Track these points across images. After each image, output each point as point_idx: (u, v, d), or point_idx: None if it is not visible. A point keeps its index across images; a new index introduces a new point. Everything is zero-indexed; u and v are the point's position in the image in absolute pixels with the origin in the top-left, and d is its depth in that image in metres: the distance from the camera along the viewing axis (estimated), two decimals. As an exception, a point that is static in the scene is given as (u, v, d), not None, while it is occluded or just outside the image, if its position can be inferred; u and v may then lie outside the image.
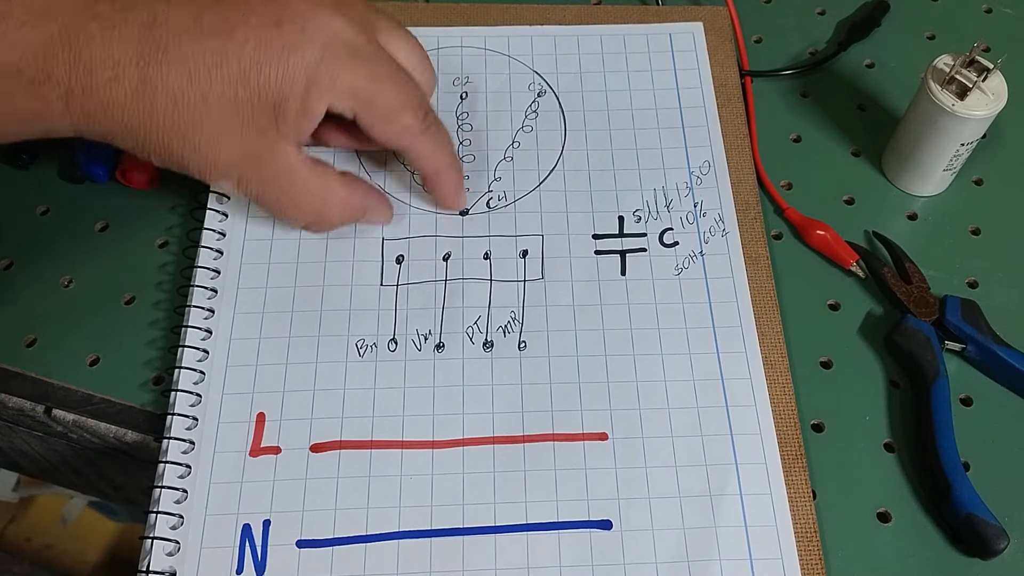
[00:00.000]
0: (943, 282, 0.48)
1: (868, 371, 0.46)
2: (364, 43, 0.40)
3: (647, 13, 0.56)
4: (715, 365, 0.44)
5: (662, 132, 0.51)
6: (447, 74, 0.53)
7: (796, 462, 0.42)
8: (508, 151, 0.51)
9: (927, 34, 0.58)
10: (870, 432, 0.44)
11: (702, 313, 0.46)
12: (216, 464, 0.41)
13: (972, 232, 0.50)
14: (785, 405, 0.43)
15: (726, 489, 0.41)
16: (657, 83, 0.53)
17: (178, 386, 0.42)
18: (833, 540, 0.41)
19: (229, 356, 0.44)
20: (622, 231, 0.48)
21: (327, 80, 0.39)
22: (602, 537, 0.40)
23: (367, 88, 0.40)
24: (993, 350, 0.44)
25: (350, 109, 0.41)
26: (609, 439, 0.42)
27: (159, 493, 0.40)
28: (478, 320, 0.45)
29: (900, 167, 0.51)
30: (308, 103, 0.39)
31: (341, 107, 0.40)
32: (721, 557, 0.39)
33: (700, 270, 0.47)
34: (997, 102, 0.46)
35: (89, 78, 0.36)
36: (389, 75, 0.41)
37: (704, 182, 0.50)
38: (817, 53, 0.57)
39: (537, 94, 0.53)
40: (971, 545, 0.40)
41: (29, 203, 0.49)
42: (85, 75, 0.36)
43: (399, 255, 0.47)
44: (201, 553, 0.39)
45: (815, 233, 0.49)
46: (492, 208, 0.49)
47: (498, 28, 0.55)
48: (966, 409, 0.45)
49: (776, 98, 0.55)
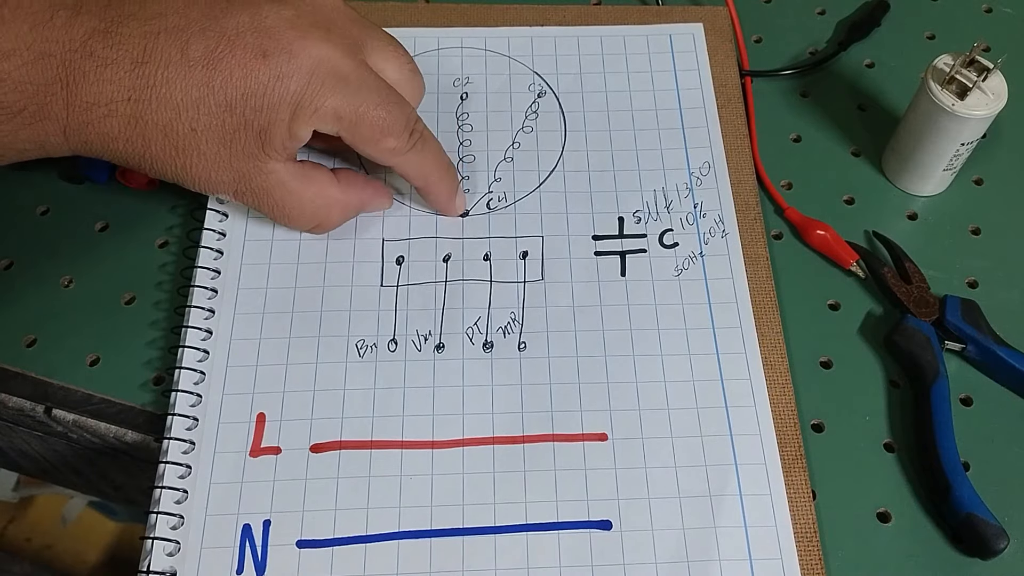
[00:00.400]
0: (943, 282, 0.48)
1: (868, 371, 0.46)
2: (351, 68, 0.41)
3: (647, 13, 0.56)
4: (715, 366, 0.44)
5: (662, 133, 0.51)
6: (447, 75, 0.53)
7: (796, 462, 0.42)
8: (508, 152, 0.51)
9: (927, 34, 0.58)
10: (870, 432, 0.44)
11: (702, 314, 0.46)
12: (216, 464, 0.41)
13: (972, 232, 0.50)
14: (785, 405, 0.43)
15: (726, 490, 0.41)
16: (657, 84, 0.53)
17: (178, 386, 0.42)
18: (833, 540, 0.41)
19: (229, 356, 0.44)
20: (622, 232, 0.48)
21: (312, 108, 0.40)
22: (602, 537, 0.40)
23: (351, 113, 0.41)
24: (993, 350, 0.44)
25: (335, 130, 0.41)
26: (609, 440, 0.42)
27: (159, 493, 0.40)
28: (478, 321, 0.45)
29: (900, 167, 0.51)
30: (294, 129, 0.40)
31: (327, 129, 0.41)
32: (721, 558, 0.39)
33: (700, 271, 0.47)
34: (997, 102, 0.46)
35: (85, 114, 0.38)
36: (374, 99, 0.41)
37: (704, 183, 0.50)
38: (817, 53, 0.57)
39: (537, 95, 0.53)
40: (971, 545, 0.40)
41: (29, 203, 0.49)
42: (82, 112, 0.38)
43: (399, 256, 0.47)
44: (201, 553, 0.39)
45: (815, 233, 0.49)
46: (492, 209, 0.49)
47: (498, 29, 0.55)
48: (966, 409, 0.45)
49: (776, 98, 0.55)
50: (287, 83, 0.39)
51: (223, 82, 0.39)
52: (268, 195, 0.43)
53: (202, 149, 0.40)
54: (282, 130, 0.40)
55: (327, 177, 0.44)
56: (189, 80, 0.39)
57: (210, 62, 0.39)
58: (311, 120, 0.40)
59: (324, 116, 0.40)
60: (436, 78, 0.53)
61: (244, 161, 0.41)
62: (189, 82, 0.39)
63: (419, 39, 0.54)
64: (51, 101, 0.37)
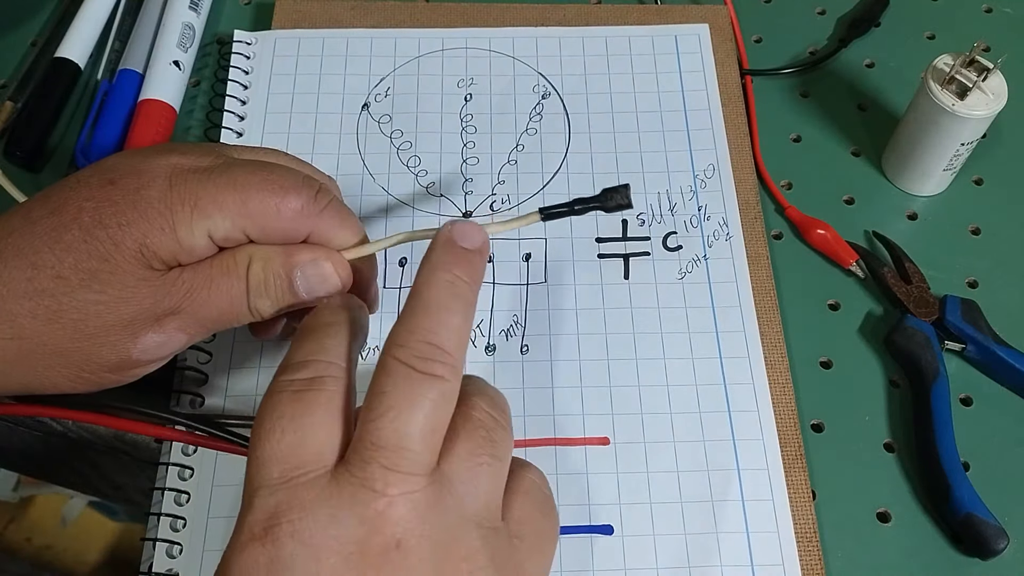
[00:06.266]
0: (943, 282, 0.48)
1: (868, 371, 0.46)
2: (211, 161, 0.36)
3: (647, 12, 0.56)
4: (718, 370, 0.44)
5: (667, 135, 0.51)
6: (451, 76, 0.53)
7: (796, 462, 0.42)
8: (512, 154, 0.51)
9: (927, 34, 0.58)
10: (870, 432, 0.44)
11: (705, 317, 0.46)
12: (218, 466, 0.41)
13: (972, 232, 0.50)
14: (785, 405, 0.43)
15: (728, 495, 0.41)
16: (662, 85, 0.53)
17: (181, 387, 0.42)
18: (833, 540, 0.41)
19: (232, 358, 0.44)
20: (625, 235, 0.48)
21: (188, 207, 0.34)
22: (603, 542, 0.40)
23: (234, 195, 0.34)
24: (993, 350, 0.45)
25: (231, 227, 0.35)
26: (611, 444, 0.42)
27: (161, 495, 0.40)
28: (480, 324, 0.45)
29: (900, 167, 0.51)
30: (180, 236, 0.34)
31: (221, 229, 0.35)
32: (722, 563, 0.40)
33: (703, 274, 0.47)
34: (997, 102, 0.46)
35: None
36: (252, 175, 0.35)
37: (708, 185, 0.50)
38: (817, 52, 0.57)
39: (541, 96, 0.53)
40: (971, 545, 0.41)
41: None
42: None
43: (402, 258, 0.47)
44: (203, 555, 0.39)
45: (815, 233, 0.49)
46: (495, 211, 0.49)
47: (502, 29, 0.55)
48: (966, 409, 0.45)
49: (776, 98, 0.55)
50: (147, 192, 0.34)
51: (72, 220, 0.34)
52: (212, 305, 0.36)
53: (78, 301, 0.34)
54: (167, 240, 0.34)
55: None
56: (34, 233, 0.34)
57: (54, 211, 0.34)
58: (194, 221, 0.35)
59: (206, 212, 0.35)
60: (440, 79, 0.53)
61: (147, 293, 0.35)
62: (34, 235, 0.34)
63: (423, 40, 0.54)
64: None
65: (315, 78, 0.53)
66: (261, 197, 0.35)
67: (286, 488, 0.28)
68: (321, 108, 0.52)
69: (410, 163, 0.50)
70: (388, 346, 0.30)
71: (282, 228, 0.35)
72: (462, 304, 0.32)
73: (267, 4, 0.57)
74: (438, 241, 0.33)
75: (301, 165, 0.40)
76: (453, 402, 0.31)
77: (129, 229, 0.33)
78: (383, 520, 0.28)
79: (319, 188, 0.36)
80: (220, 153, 0.37)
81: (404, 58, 0.54)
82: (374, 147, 0.51)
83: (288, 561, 0.27)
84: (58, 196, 0.35)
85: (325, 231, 0.37)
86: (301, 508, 0.28)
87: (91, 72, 0.54)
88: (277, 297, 0.36)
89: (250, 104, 0.52)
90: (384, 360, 0.30)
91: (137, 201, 0.34)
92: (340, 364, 0.31)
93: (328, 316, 0.33)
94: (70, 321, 0.33)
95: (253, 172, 0.35)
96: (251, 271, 0.35)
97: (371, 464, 0.28)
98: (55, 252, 0.33)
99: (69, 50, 0.53)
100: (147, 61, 0.53)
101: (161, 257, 0.34)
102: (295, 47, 0.54)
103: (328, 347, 0.32)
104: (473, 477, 0.30)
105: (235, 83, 0.52)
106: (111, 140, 0.50)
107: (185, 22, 0.54)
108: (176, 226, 0.34)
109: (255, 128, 0.51)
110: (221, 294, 0.35)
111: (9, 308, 0.33)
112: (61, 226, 0.34)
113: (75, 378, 0.35)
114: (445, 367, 0.30)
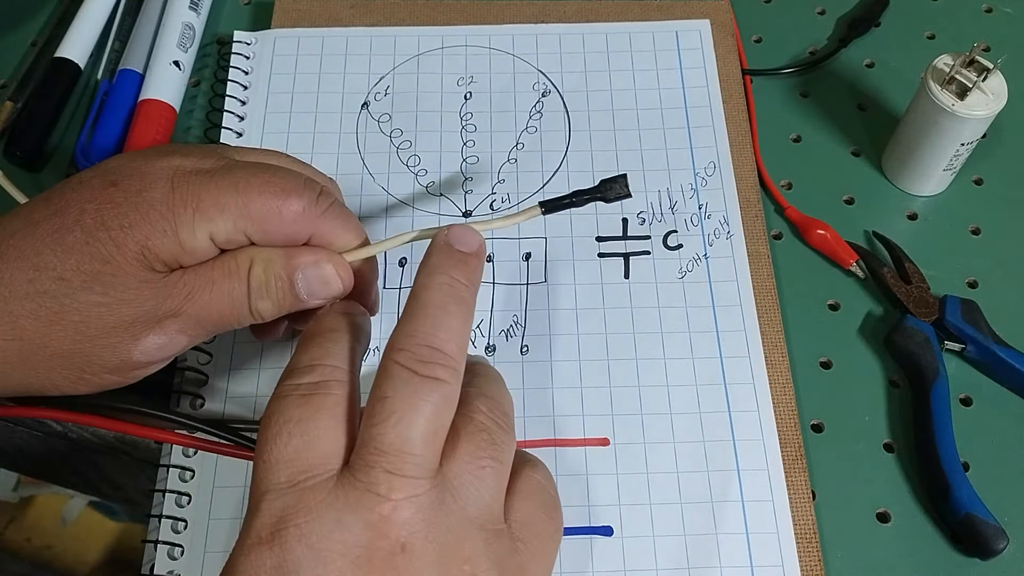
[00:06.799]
0: (943, 282, 0.48)
1: (868, 371, 0.46)
2: (213, 163, 0.36)
3: (647, 8, 0.56)
4: (718, 370, 0.44)
5: (667, 133, 0.51)
6: (451, 74, 0.53)
7: (796, 463, 0.42)
8: (512, 152, 0.51)
9: (927, 34, 0.58)
10: (870, 432, 0.44)
11: (706, 317, 0.45)
12: (219, 467, 0.41)
13: (972, 232, 0.50)
14: (785, 405, 0.43)
15: (728, 495, 0.41)
16: (663, 82, 0.53)
17: (181, 388, 0.42)
18: (833, 540, 0.41)
19: (233, 359, 0.44)
20: (626, 233, 0.48)
21: (190, 209, 0.34)
22: (603, 543, 0.40)
23: (236, 198, 0.34)
24: (993, 350, 0.45)
25: (233, 229, 0.35)
26: (611, 444, 0.42)
27: (162, 496, 0.40)
28: (480, 324, 0.45)
29: (900, 167, 0.51)
30: (181, 238, 0.34)
31: (223, 231, 0.35)
32: (722, 564, 0.40)
33: (704, 273, 0.47)
34: (997, 102, 0.46)
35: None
36: (254, 177, 0.35)
37: (709, 184, 0.50)
38: (817, 52, 0.57)
39: (542, 94, 0.53)
40: (971, 545, 0.41)
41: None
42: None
43: (402, 258, 0.47)
44: (205, 556, 0.39)
45: (815, 233, 0.49)
46: (495, 210, 0.49)
47: (502, 27, 0.55)
48: (966, 409, 0.45)
49: (776, 98, 0.55)
50: (149, 193, 0.34)
51: (74, 222, 0.34)
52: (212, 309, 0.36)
53: (80, 303, 0.34)
54: (168, 242, 0.34)
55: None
56: (36, 236, 0.34)
57: (56, 213, 0.34)
58: (196, 223, 0.35)
59: (208, 214, 0.35)
60: (440, 77, 0.53)
61: (149, 295, 0.35)
62: (37, 237, 0.34)
63: (423, 38, 0.54)
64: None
65: (314, 77, 0.53)
66: (263, 199, 0.35)
67: (293, 492, 0.29)
68: (321, 107, 0.52)
69: (410, 162, 0.50)
70: (389, 350, 0.30)
71: (284, 230, 0.35)
72: (461, 307, 0.32)
73: (267, 4, 0.57)
74: (435, 245, 0.34)
75: (302, 167, 0.40)
76: (454, 404, 0.31)
77: (131, 231, 0.33)
78: (388, 524, 0.28)
79: (321, 190, 0.36)
80: (222, 155, 0.37)
81: (404, 56, 0.54)
82: (374, 146, 0.51)
83: (295, 565, 0.28)
84: (60, 198, 0.35)
85: (327, 233, 0.37)
86: (308, 512, 0.28)
87: (91, 72, 0.54)
88: (278, 299, 0.36)
89: (250, 104, 0.52)
90: (385, 364, 0.30)
91: (139, 203, 0.34)
92: (344, 368, 0.32)
93: (331, 322, 0.34)
94: (71, 323, 0.34)
95: (255, 174, 0.35)
96: (252, 273, 0.35)
97: (375, 469, 0.28)
98: (57, 254, 0.33)
99: (69, 50, 0.53)
100: (147, 61, 0.53)
101: (163, 259, 0.34)
102: (294, 46, 0.54)
103: (332, 352, 0.32)
104: (475, 480, 0.30)
105: (235, 83, 0.52)
106: (111, 140, 0.50)
107: (185, 22, 0.54)
108: (178, 228, 0.34)
109: (255, 128, 0.51)
110: (222, 296, 0.35)
111: (11, 309, 0.33)
112: (63, 228, 0.34)
113: (76, 379, 0.35)
114: (446, 370, 0.30)
